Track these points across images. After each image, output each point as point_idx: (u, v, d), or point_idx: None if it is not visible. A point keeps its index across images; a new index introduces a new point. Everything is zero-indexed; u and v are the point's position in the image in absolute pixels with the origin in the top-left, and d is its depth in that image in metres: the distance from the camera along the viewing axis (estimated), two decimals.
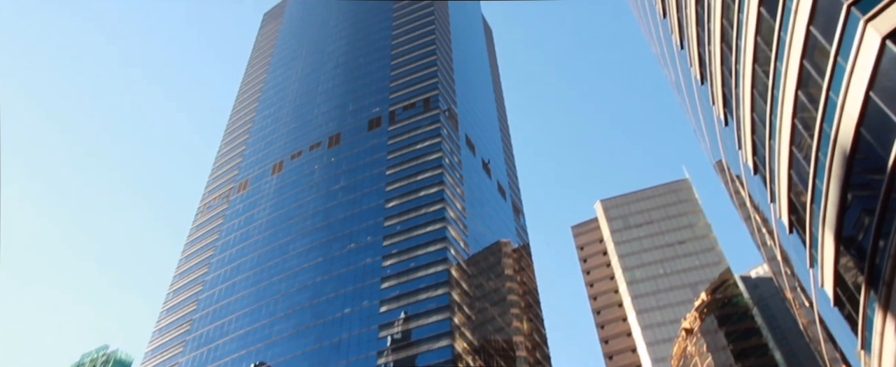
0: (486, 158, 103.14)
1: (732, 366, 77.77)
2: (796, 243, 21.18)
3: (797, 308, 28.34)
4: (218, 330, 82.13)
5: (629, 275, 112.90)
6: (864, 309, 15.97)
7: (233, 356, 76.91)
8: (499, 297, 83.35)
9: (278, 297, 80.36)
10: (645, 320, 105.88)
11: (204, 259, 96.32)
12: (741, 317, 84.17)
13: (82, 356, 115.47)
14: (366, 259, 77.27)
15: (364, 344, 67.60)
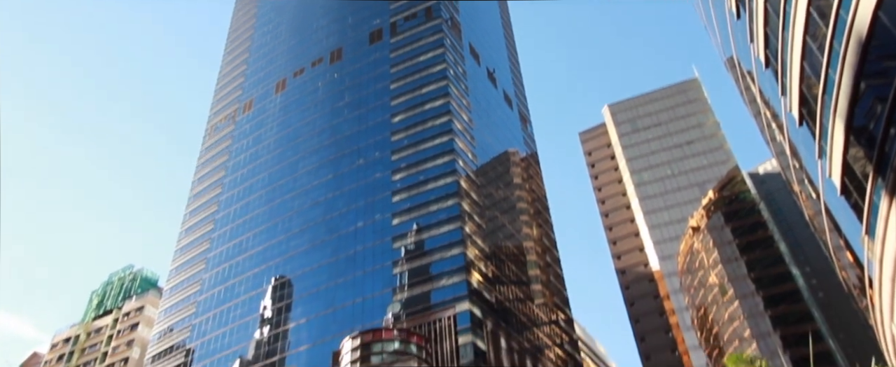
0: (491, 67, 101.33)
1: (738, 259, 79.97)
2: (806, 136, 21.20)
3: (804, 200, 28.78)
4: (236, 248, 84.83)
5: (637, 177, 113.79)
6: (870, 196, 16.24)
7: (253, 271, 79.92)
8: (508, 205, 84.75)
9: (292, 214, 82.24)
10: (652, 220, 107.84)
11: (216, 180, 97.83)
12: (748, 212, 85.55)
13: (110, 276, 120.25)
14: (375, 174, 78.17)
15: (378, 256, 69.76)
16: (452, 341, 58.24)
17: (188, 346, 79.60)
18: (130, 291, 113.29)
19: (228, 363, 73.38)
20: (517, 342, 67.03)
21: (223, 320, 78.34)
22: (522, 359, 66.64)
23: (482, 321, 61.31)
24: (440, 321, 60.18)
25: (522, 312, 72.99)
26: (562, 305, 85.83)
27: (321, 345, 65.92)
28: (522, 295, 75.27)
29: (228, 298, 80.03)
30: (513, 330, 67.44)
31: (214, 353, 75.83)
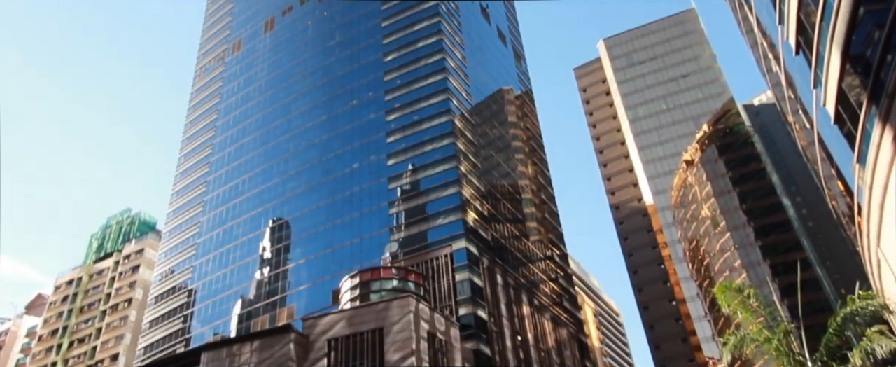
0: (485, 2, 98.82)
1: (730, 191, 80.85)
2: (802, 65, 21.00)
3: (797, 131, 28.83)
4: (233, 190, 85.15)
5: (632, 113, 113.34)
6: (863, 124, 16.26)
7: (251, 214, 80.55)
8: (503, 144, 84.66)
9: (287, 156, 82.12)
10: (646, 155, 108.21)
11: (209, 123, 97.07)
12: (741, 145, 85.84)
13: (108, 220, 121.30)
14: (369, 115, 77.57)
15: (375, 196, 70.16)
16: (449, 278, 59.44)
17: (190, 287, 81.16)
18: (129, 234, 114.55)
19: (230, 302, 75.10)
20: (513, 278, 68.52)
21: (223, 261, 79.57)
22: (518, 294, 68.31)
23: (478, 258, 62.40)
24: (437, 259, 61.21)
25: (518, 248, 74.22)
26: (556, 241, 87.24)
27: (321, 284, 67.26)
28: (518, 232, 76.33)
29: (227, 240, 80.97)
30: (509, 266, 68.78)
31: (216, 293, 77.44)
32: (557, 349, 72.70)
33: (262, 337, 49.31)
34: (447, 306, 57.62)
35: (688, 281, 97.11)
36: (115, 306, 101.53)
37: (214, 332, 73.23)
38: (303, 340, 48.23)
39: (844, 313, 18.76)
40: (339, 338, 47.73)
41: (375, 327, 47.35)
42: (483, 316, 58.43)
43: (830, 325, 19.08)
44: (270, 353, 46.93)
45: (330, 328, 48.75)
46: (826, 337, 19.08)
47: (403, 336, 46.20)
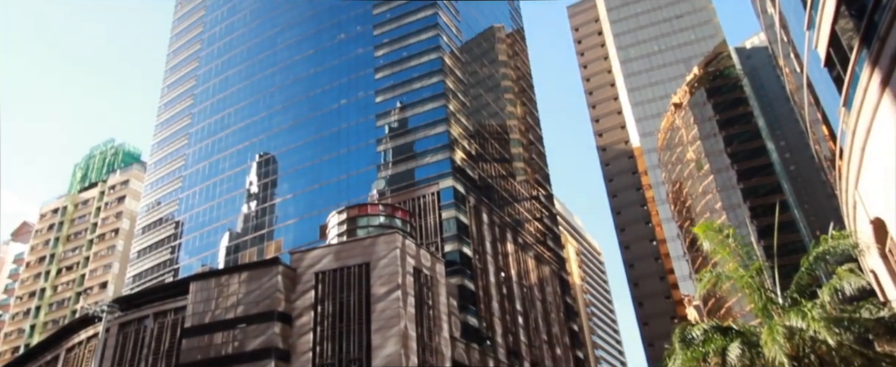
0: None
1: (716, 134, 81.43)
2: (796, 6, 20.77)
3: (787, 75, 28.82)
4: (218, 123, 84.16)
5: (623, 54, 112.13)
6: (852, 67, 16.30)
7: (237, 147, 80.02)
8: (493, 83, 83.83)
9: (274, 90, 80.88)
10: (636, 97, 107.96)
11: (192, 53, 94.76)
12: (731, 88, 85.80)
13: (92, 150, 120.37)
14: (357, 49, 76.06)
15: (362, 133, 69.80)
16: (436, 215, 60.14)
17: (177, 218, 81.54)
18: (113, 165, 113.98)
19: (218, 235, 75.69)
20: (498, 217, 69.48)
21: (210, 194, 79.62)
22: (503, 233, 69.46)
23: (465, 196, 62.98)
24: (424, 197, 61.69)
25: (504, 188, 74.89)
26: (542, 181, 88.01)
27: (308, 219, 67.81)
28: (504, 172, 76.81)
29: (214, 173, 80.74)
30: (495, 205, 69.59)
31: (203, 226, 77.92)
32: (540, 285, 74.74)
33: (250, 269, 50.11)
34: (433, 242, 58.60)
35: (669, 222, 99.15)
36: (101, 235, 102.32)
37: (202, 263, 74.15)
38: (290, 272, 49.10)
39: (817, 252, 19.35)
40: (326, 271, 48.66)
41: (362, 261, 48.26)
42: (468, 253, 59.59)
43: (803, 264, 19.71)
44: (258, 284, 47.82)
45: (317, 261, 49.60)
46: (797, 275, 19.74)
47: (389, 271, 47.19)
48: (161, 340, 47.51)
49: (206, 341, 46.21)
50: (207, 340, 46.21)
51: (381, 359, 43.63)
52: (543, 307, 73.26)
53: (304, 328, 46.34)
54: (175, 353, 46.41)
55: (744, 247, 22.21)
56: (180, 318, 48.00)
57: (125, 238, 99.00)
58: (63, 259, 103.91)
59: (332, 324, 46.24)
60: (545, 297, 74.87)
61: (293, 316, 47.04)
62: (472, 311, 55.97)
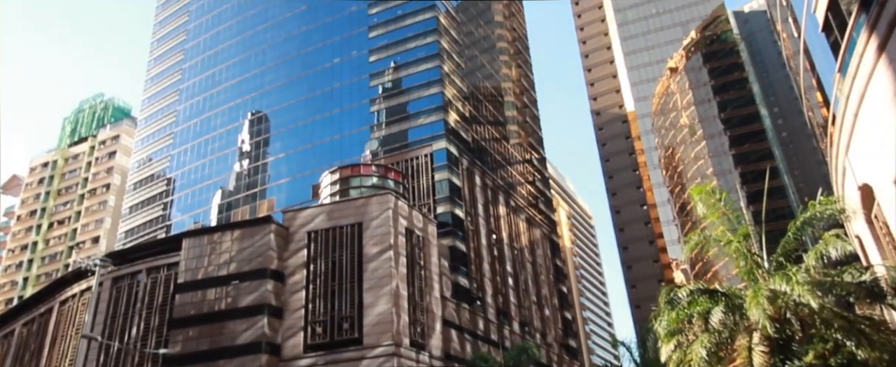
0: None
1: (711, 100, 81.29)
2: None
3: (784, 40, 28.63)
4: (209, 80, 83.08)
5: (621, 16, 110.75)
6: (850, 33, 16.20)
7: (229, 105, 79.22)
8: (488, 44, 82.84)
9: (265, 47, 79.64)
10: (632, 61, 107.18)
11: (182, 6, 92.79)
12: (727, 53, 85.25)
13: (81, 104, 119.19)
14: (351, 7, 74.67)
15: (355, 93, 69.17)
16: (429, 177, 60.21)
17: (168, 175, 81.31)
18: (103, 120, 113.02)
19: (210, 192, 75.63)
20: (491, 179, 69.66)
21: (201, 151, 79.19)
22: (495, 195, 69.76)
23: (458, 158, 62.96)
24: (417, 158, 61.64)
25: (497, 151, 74.88)
26: (536, 145, 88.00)
27: (300, 179, 67.77)
28: (498, 135, 76.65)
29: (205, 130, 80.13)
30: (487, 168, 69.69)
31: (195, 183, 77.76)
32: (530, 248, 75.55)
33: (243, 227, 50.27)
34: (425, 204, 58.84)
35: (660, 187, 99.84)
36: (93, 190, 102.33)
37: (194, 220, 74.29)
38: (283, 231, 49.31)
39: (804, 218, 19.58)
40: (318, 231, 48.90)
41: (355, 221, 48.47)
42: (460, 215, 59.95)
43: (790, 229, 19.97)
44: (251, 242, 48.05)
45: (310, 220, 49.78)
46: (784, 240, 20.01)
47: (382, 231, 47.48)
48: (154, 295, 47.94)
49: (199, 296, 46.67)
50: (201, 295, 46.67)
51: (372, 317, 44.29)
52: (533, 268, 74.22)
53: (296, 286, 46.82)
54: (169, 308, 46.92)
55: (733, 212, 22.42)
56: (173, 274, 48.32)
57: (116, 194, 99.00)
58: (54, 213, 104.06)
59: (325, 282, 46.73)
60: (535, 259, 75.78)
61: (286, 274, 47.46)
62: (463, 272, 56.65)
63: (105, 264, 29.78)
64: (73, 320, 50.39)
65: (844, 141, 18.04)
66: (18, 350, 55.49)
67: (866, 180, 17.32)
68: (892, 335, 16.88)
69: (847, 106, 17.50)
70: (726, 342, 19.74)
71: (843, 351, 17.19)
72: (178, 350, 44.54)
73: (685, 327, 21.31)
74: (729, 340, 19.69)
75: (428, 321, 48.36)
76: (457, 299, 54.13)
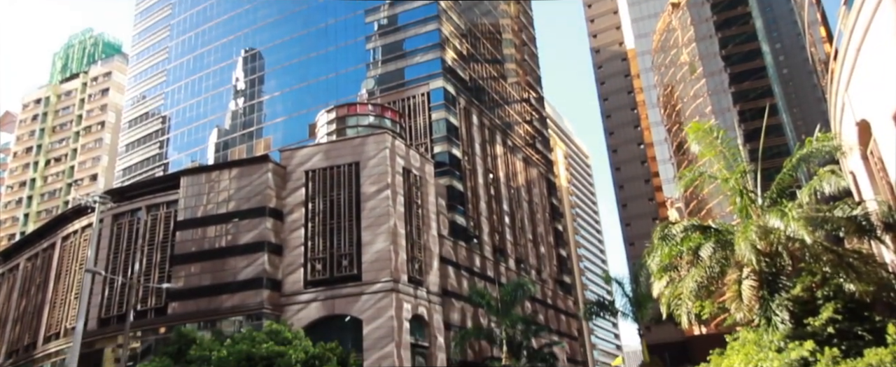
0: None
1: (712, 36, 79.75)
2: None
3: None
4: (201, 15, 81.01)
5: None
6: None
7: (221, 41, 77.58)
8: None
9: None
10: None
11: None
12: None
13: (70, 39, 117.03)
14: None
15: (350, 30, 67.70)
16: (426, 116, 59.84)
17: (163, 113, 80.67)
18: (94, 56, 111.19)
19: (206, 131, 75.26)
20: (488, 119, 69.27)
21: (195, 89, 78.23)
22: (493, 134, 69.56)
23: (455, 98, 62.38)
24: (414, 97, 61.05)
25: (495, 90, 74.10)
26: (534, 83, 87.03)
27: (296, 117, 67.30)
28: (496, 73, 75.65)
29: (198, 68, 78.86)
30: (485, 107, 69.17)
31: (191, 121, 77.24)
32: (527, 187, 76.04)
33: (241, 166, 50.35)
34: (422, 143, 58.76)
35: (657, 126, 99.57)
36: (87, 127, 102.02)
37: (191, 159, 74.25)
38: (281, 170, 49.44)
39: (800, 154, 19.60)
40: (316, 170, 49.05)
41: (352, 161, 48.57)
42: (457, 154, 59.98)
43: (785, 165, 20.03)
44: (249, 181, 48.26)
45: (307, 160, 49.83)
46: (779, 176, 20.09)
47: (379, 171, 47.66)
48: (155, 232, 48.54)
49: (199, 233, 47.27)
50: (201, 233, 47.26)
51: (371, 254, 45.08)
52: (530, 207, 74.96)
53: (295, 224, 47.37)
54: (170, 244, 47.61)
55: (730, 149, 22.39)
56: (173, 211, 48.77)
57: (112, 131, 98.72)
58: (50, 150, 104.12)
59: (323, 221, 47.26)
60: (532, 198, 76.41)
61: (284, 212, 47.92)
62: (459, 211, 57.22)
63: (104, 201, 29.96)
64: (77, 255, 51.25)
65: (845, 77, 17.89)
66: (25, 283, 56.71)
67: (864, 116, 17.29)
68: (878, 267, 17.24)
69: (850, 40, 17.25)
70: (717, 277, 20.13)
71: (831, 283, 17.60)
72: (181, 285, 45.52)
73: (678, 262, 21.61)
74: (720, 274, 20.08)
75: (425, 259, 49.27)
76: (454, 237, 54.94)
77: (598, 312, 46.78)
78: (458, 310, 51.56)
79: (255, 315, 43.17)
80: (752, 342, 18.37)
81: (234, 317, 43.73)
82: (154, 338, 44.94)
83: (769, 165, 24.27)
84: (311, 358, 32.92)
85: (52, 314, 50.83)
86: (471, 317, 52.81)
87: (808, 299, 18.28)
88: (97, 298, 46.73)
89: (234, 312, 44.05)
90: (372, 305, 43.47)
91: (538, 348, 50.34)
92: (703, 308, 21.12)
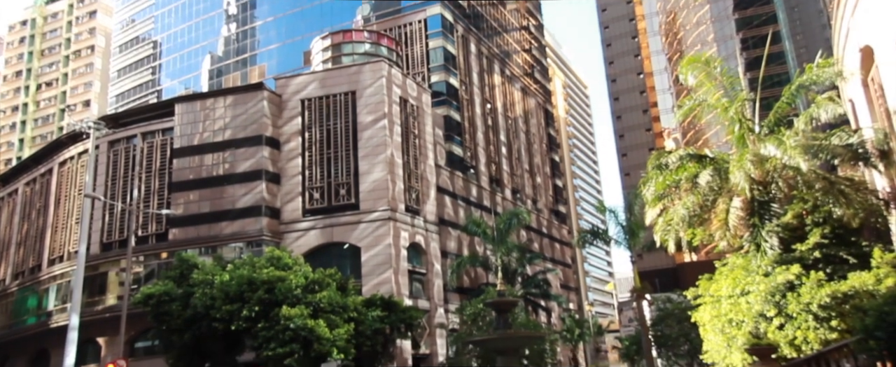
0: None
1: None
2: None
3: None
4: None
5: None
6: None
7: None
8: None
9: None
10: None
11: None
12: None
13: None
14: None
15: None
16: (423, 44, 58.64)
17: (154, 38, 78.93)
18: None
19: (199, 57, 73.87)
20: (487, 48, 67.96)
21: (186, 13, 76.13)
22: (491, 63, 68.44)
23: (453, 25, 60.91)
24: (410, 24, 59.61)
25: (493, 17, 72.29)
26: (533, 10, 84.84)
27: (291, 44, 65.92)
28: None
29: None
30: (483, 35, 67.70)
31: (183, 47, 75.66)
32: (524, 117, 75.64)
33: (235, 93, 49.74)
34: (419, 72, 57.91)
35: (658, 55, 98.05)
36: (77, 52, 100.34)
37: (185, 86, 73.27)
38: (276, 98, 48.91)
39: (800, 81, 19.43)
40: (312, 99, 48.53)
41: (348, 89, 47.97)
42: (454, 84, 59.25)
43: (784, 93, 19.91)
44: (244, 109, 47.83)
45: (302, 88, 49.20)
46: (777, 104, 20.00)
47: (376, 100, 47.17)
48: (152, 159, 48.57)
49: (196, 161, 47.31)
50: (198, 161, 47.29)
51: (368, 184, 45.37)
52: (527, 138, 74.88)
53: (292, 153, 47.37)
54: (167, 172, 47.77)
55: (729, 78, 22.16)
56: (169, 139, 48.60)
57: (102, 56, 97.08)
58: (40, 75, 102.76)
59: (320, 150, 47.23)
60: (529, 128, 76.19)
61: (281, 141, 47.81)
62: (456, 141, 57.15)
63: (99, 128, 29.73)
64: (75, 180, 51.49)
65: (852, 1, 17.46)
66: (25, 208, 57.25)
67: (868, 42, 17.01)
68: (869, 194, 17.49)
69: None
70: (709, 206, 20.41)
71: (821, 210, 17.91)
72: (181, 212, 46.03)
73: (671, 192, 21.85)
74: (712, 203, 20.34)
75: (422, 188, 49.65)
76: (451, 167, 55.14)
77: (591, 240, 47.63)
78: (454, 239, 52.50)
79: (256, 242, 43.92)
80: (740, 267, 18.88)
81: (235, 244, 44.47)
82: (156, 263, 45.89)
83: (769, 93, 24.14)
84: (311, 283, 33.72)
85: (54, 238, 51.59)
86: (467, 245, 53.84)
87: (797, 225, 18.65)
88: (98, 223, 47.31)
89: (234, 238, 44.76)
90: (370, 233, 44.18)
91: (532, 274, 51.69)
92: (695, 236, 21.56)
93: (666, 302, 37.29)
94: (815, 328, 15.62)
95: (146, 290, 35.26)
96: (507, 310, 29.61)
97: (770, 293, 16.70)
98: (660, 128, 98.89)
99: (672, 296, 38.11)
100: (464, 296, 48.64)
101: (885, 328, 12.66)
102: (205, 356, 34.89)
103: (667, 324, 34.74)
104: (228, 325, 31.74)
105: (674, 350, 34.24)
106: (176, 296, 33.92)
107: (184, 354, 34.44)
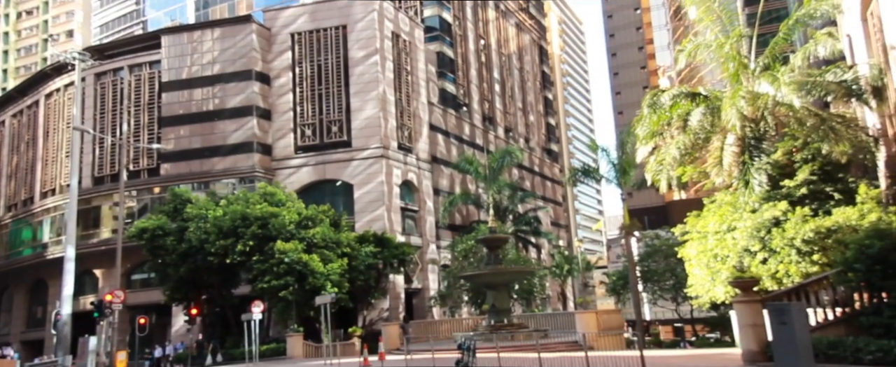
0: None
1: None
2: None
3: None
4: None
5: None
6: None
7: None
8: None
9: None
10: None
11: None
12: None
13: None
14: None
15: None
16: None
17: None
18: None
19: None
20: None
21: None
22: (487, 28, 66.49)
23: None
24: None
25: None
26: None
27: None
28: None
29: None
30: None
31: None
32: (519, 54, 74.45)
33: (223, 26, 48.48)
34: (412, 6, 56.47)
35: None
36: None
37: (171, 18, 71.19)
38: (265, 32, 47.74)
39: (798, 15, 19.08)
40: (302, 32, 47.41)
41: (339, 23, 46.83)
42: (448, 19, 57.93)
43: (782, 28, 19.59)
44: (233, 42, 46.75)
45: (292, 21, 47.97)
46: (774, 40, 19.72)
47: (367, 35, 46.16)
48: (140, 92, 47.78)
49: (186, 96, 46.62)
50: (187, 95, 46.59)
51: (360, 121, 45.03)
52: (521, 75, 73.98)
53: (283, 89, 46.70)
54: (157, 106, 47.12)
55: (727, 13, 21.72)
56: (157, 72, 47.68)
57: None
58: (20, 2, 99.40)
59: (311, 86, 46.55)
60: (523, 66, 75.15)
61: (271, 76, 47.02)
62: (449, 78, 56.41)
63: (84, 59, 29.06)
64: (62, 113, 50.77)
65: None
66: (13, 140, 56.67)
67: None
68: (859, 130, 17.52)
69: None
70: (701, 144, 20.41)
71: (810, 147, 17.99)
72: (172, 147, 45.74)
73: (664, 130, 21.78)
74: (704, 141, 20.34)
75: (415, 126, 49.37)
76: (443, 104, 54.67)
77: (582, 178, 47.86)
78: (446, 176, 52.69)
79: (248, 178, 43.94)
80: (728, 204, 19.12)
81: (227, 179, 44.46)
82: (149, 197, 45.95)
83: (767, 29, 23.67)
84: (305, 219, 34.05)
85: (45, 171, 51.34)
86: (459, 183, 54.12)
87: (786, 163, 18.77)
88: (88, 157, 47.01)
89: (226, 174, 44.72)
90: (362, 170, 44.23)
91: (523, 212, 52.28)
92: (685, 173, 21.67)
93: (654, 239, 37.95)
94: (797, 261, 16.01)
95: (140, 224, 35.52)
96: (498, 246, 30.15)
97: (756, 229, 16.99)
98: (655, 66, 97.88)
99: (660, 233, 38.76)
100: (455, 233, 49.32)
101: (864, 260, 13.02)
102: (201, 289, 35.60)
103: (653, 260, 35.50)
104: (223, 259, 32.23)
105: (659, 285, 35.14)
106: (170, 230, 34.21)
107: (180, 286, 35.12)
